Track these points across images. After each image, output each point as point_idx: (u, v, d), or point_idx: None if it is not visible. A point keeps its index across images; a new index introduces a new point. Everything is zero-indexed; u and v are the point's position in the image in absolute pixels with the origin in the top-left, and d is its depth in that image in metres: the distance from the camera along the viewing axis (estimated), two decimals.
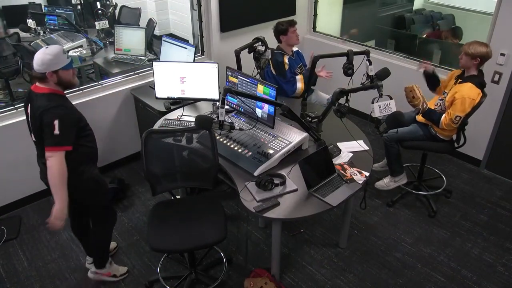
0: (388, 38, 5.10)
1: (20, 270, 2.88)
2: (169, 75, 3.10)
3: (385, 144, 3.26)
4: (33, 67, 2.17)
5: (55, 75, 2.17)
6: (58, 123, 2.09)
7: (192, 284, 2.71)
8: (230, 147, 2.64)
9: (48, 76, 2.16)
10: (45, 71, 2.15)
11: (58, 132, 2.09)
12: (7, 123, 3.15)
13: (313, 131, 2.68)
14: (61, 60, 2.17)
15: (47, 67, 2.14)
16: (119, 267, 2.81)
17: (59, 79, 2.19)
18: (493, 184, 3.71)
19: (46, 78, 2.18)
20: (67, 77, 2.22)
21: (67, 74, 2.21)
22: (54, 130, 2.08)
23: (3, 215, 3.35)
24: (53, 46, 2.22)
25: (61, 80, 2.21)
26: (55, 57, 2.15)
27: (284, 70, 3.54)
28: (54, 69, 2.15)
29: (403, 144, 3.23)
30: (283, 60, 3.53)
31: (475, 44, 2.90)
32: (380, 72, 2.73)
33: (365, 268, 2.87)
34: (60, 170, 2.12)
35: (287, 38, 3.54)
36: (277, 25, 3.56)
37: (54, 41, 4.30)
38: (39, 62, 2.14)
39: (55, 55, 2.15)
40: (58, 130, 2.09)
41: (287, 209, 2.24)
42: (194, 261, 2.71)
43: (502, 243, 3.07)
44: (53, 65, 2.15)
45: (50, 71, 2.15)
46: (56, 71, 2.16)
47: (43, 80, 2.19)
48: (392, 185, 3.42)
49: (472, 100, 2.88)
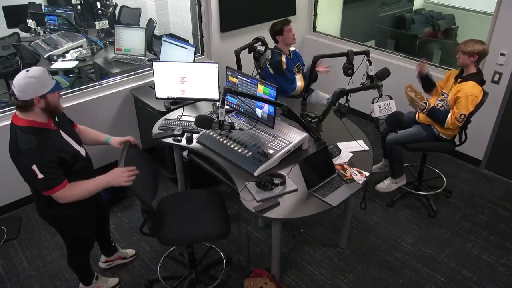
0: (388, 38, 5.10)
1: (20, 270, 2.88)
2: (169, 75, 3.10)
3: (389, 148, 3.22)
4: (15, 95, 1.89)
5: (43, 100, 1.92)
6: (37, 168, 1.88)
7: (192, 284, 2.71)
8: (230, 147, 2.64)
9: (35, 102, 1.90)
10: (31, 97, 1.88)
11: (42, 176, 1.89)
12: (7, 123, 3.14)
13: (313, 131, 2.68)
14: (48, 82, 1.93)
15: (34, 92, 1.88)
16: (109, 279, 2.71)
17: (46, 104, 1.94)
18: (493, 184, 3.71)
19: (32, 106, 1.91)
20: (54, 100, 1.98)
21: (54, 97, 1.97)
22: (37, 177, 1.89)
23: (3, 215, 3.35)
24: (34, 68, 1.96)
25: (49, 105, 1.95)
26: (40, 79, 1.90)
27: (283, 69, 3.55)
28: (41, 93, 1.90)
29: (407, 147, 3.21)
30: (280, 59, 3.54)
31: (470, 42, 2.92)
32: (380, 72, 2.73)
33: (365, 268, 2.87)
34: (72, 193, 2.00)
35: (283, 38, 3.55)
36: (272, 26, 3.58)
37: (54, 41, 4.30)
38: (22, 88, 1.87)
39: (39, 78, 1.90)
40: (41, 174, 1.89)
41: (287, 209, 2.24)
42: (194, 261, 2.71)
43: (502, 243, 3.07)
44: (39, 88, 1.90)
45: (37, 96, 1.90)
46: (43, 96, 1.91)
47: (25, 109, 1.92)
48: (394, 187, 3.41)
49: (475, 98, 2.89)
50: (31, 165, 1.88)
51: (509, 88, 3.46)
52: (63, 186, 1.98)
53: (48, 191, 1.96)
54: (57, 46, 4.25)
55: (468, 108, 2.89)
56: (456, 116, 2.91)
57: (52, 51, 4.16)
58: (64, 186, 1.98)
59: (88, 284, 2.62)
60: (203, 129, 2.77)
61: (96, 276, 2.65)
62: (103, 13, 4.68)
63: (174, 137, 2.82)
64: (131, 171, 2.07)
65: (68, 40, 4.35)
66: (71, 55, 4.17)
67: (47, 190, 1.96)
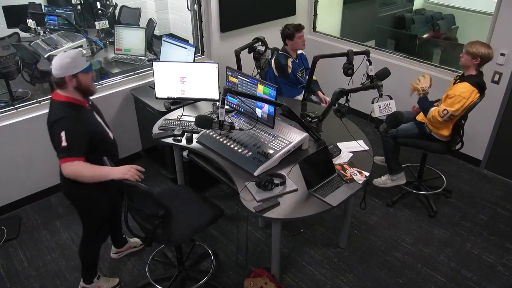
0: (388, 38, 5.11)
1: (20, 270, 2.88)
2: (169, 75, 3.10)
3: (382, 140, 3.29)
4: (52, 73, 2.13)
5: (74, 79, 2.13)
6: (65, 135, 2.05)
7: (184, 281, 2.72)
8: (230, 147, 2.64)
9: (67, 80, 2.12)
10: (64, 75, 2.11)
11: (65, 144, 2.04)
12: (7, 123, 3.15)
13: (313, 131, 2.68)
14: (80, 63, 2.14)
15: (66, 71, 2.10)
16: (110, 279, 2.74)
17: (78, 84, 2.15)
18: (493, 184, 3.71)
19: (65, 84, 2.13)
20: (86, 81, 2.18)
21: (86, 78, 2.17)
22: (61, 143, 2.05)
23: (3, 215, 3.35)
24: (72, 50, 2.20)
25: (80, 84, 2.16)
26: (74, 60, 2.12)
27: (288, 73, 3.55)
28: (72, 72, 2.12)
29: (397, 141, 3.24)
30: (286, 63, 3.53)
31: (477, 44, 2.90)
32: (380, 72, 2.73)
33: (365, 268, 2.87)
34: (78, 171, 2.07)
35: (292, 43, 3.53)
36: (284, 28, 3.54)
37: (54, 41, 4.30)
38: (57, 67, 2.10)
39: (73, 58, 2.12)
40: (65, 142, 2.04)
41: (287, 209, 2.24)
42: (182, 258, 2.70)
43: (502, 243, 3.07)
44: (71, 68, 2.11)
45: (69, 75, 2.11)
46: (75, 75, 2.13)
47: (62, 86, 2.15)
48: (389, 184, 3.43)
49: (463, 99, 2.86)
50: (60, 131, 2.06)
51: (509, 88, 3.46)
52: (78, 160, 2.08)
53: (64, 159, 2.06)
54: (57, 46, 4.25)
55: (453, 106, 2.86)
56: (439, 110, 2.90)
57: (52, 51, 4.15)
58: (78, 161, 2.08)
59: (89, 283, 2.64)
60: (203, 129, 2.77)
61: (98, 275, 2.67)
62: (103, 13, 4.68)
63: (174, 137, 2.82)
64: (138, 170, 2.15)
65: (68, 40, 4.34)
66: None
67: (63, 157, 2.06)
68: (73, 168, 2.07)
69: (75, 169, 2.07)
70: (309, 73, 3.07)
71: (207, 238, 3.11)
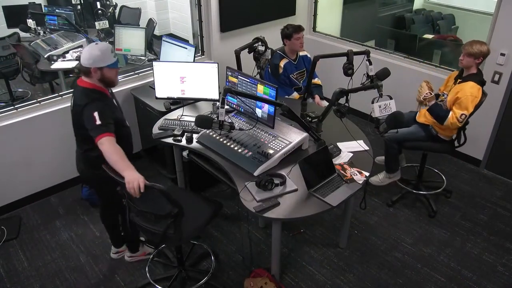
0: (388, 38, 5.10)
1: (20, 270, 2.88)
2: (169, 75, 3.10)
3: (385, 144, 3.27)
4: (80, 61, 2.23)
5: (99, 71, 2.22)
6: (98, 115, 2.16)
7: (184, 281, 2.72)
8: (230, 147, 2.64)
9: (92, 71, 2.21)
10: (91, 66, 2.20)
11: (100, 122, 2.15)
12: (7, 123, 3.15)
13: (313, 131, 2.68)
14: (108, 58, 2.23)
15: (93, 63, 2.20)
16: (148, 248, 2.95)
17: (102, 76, 2.25)
18: (493, 184, 3.71)
19: (90, 73, 2.23)
20: (110, 75, 2.28)
21: (111, 72, 2.27)
22: (95, 122, 2.15)
23: (3, 215, 3.35)
24: (103, 43, 2.30)
25: (104, 77, 2.26)
26: (103, 54, 2.21)
27: (278, 73, 3.56)
28: (99, 65, 2.21)
29: (404, 145, 3.23)
30: (278, 64, 3.57)
31: (476, 43, 2.90)
32: (380, 72, 2.73)
33: (365, 268, 2.87)
34: (112, 149, 2.13)
35: (290, 43, 3.56)
36: (284, 28, 3.57)
37: (54, 41, 4.30)
38: (86, 56, 2.20)
39: (103, 52, 2.21)
40: (100, 120, 2.15)
41: (287, 209, 2.24)
42: (182, 258, 2.70)
43: (502, 243, 3.07)
44: (99, 61, 2.20)
45: (95, 67, 2.20)
46: (101, 68, 2.22)
47: (87, 75, 2.25)
48: (387, 181, 3.47)
49: (475, 98, 2.89)
50: (93, 112, 2.16)
51: (509, 88, 3.46)
52: (112, 135, 2.18)
53: (100, 135, 2.14)
54: (57, 46, 4.25)
55: (469, 108, 2.89)
56: (457, 116, 2.90)
57: (52, 51, 4.16)
58: (112, 136, 2.18)
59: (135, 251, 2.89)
60: (203, 129, 2.77)
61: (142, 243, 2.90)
62: (103, 13, 4.69)
63: (174, 137, 2.82)
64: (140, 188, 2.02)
65: (68, 40, 4.35)
66: (71, 55, 4.16)
67: (100, 133, 2.14)
68: (110, 143, 2.14)
69: (110, 143, 2.14)
70: (309, 73, 3.07)
71: (207, 238, 3.11)
